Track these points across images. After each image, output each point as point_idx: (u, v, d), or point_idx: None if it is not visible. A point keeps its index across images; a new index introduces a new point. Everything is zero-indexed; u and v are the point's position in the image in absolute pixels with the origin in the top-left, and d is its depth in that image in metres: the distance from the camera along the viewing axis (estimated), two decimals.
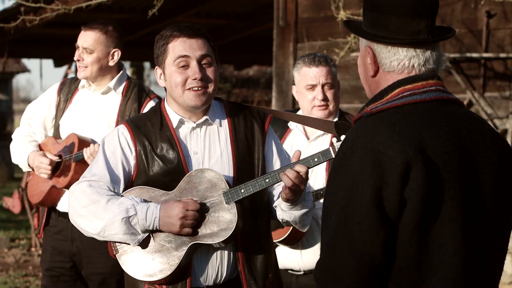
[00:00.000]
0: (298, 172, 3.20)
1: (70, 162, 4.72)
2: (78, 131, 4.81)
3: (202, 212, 3.28)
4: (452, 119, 2.39)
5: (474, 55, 6.91)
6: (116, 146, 3.38)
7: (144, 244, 3.31)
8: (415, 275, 2.31)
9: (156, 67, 3.44)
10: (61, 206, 4.87)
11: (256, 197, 3.38)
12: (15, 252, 10.41)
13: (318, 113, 4.29)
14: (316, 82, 4.31)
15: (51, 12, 8.36)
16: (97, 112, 4.86)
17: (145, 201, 3.30)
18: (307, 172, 3.22)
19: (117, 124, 4.77)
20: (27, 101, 45.93)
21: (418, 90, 2.40)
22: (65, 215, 4.85)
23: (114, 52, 4.89)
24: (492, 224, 2.39)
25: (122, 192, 3.36)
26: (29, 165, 4.87)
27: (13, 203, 10.55)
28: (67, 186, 4.69)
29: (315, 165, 3.28)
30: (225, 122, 3.44)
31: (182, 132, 3.40)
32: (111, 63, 4.87)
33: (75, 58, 4.87)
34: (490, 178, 2.39)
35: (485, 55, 6.93)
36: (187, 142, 3.39)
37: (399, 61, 2.43)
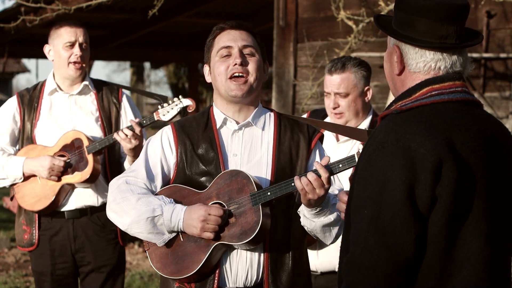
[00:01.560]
0: (319, 176, 3.17)
1: (83, 155, 4.74)
2: (62, 133, 4.84)
3: (227, 215, 3.28)
4: (477, 120, 2.44)
5: (474, 55, 6.91)
6: (157, 145, 3.43)
7: (171, 242, 3.34)
8: (441, 271, 2.35)
9: (205, 64, 3.47)
10: (61, 207, 4.88)
11: (292, 204, 3.36)
12: (15, 252, 10.40)
13: (335, 120, 4.32)
14: (329, 91, 4.34)
15: (51, 12, 8.36)
16: (76, 111, 4.91)
17: (175, 201, 3.33)
18: (328, 178, 3.19)
19: (101, 120, 4.90)
20: None
21: (446, 90, 2.44)
22: (62, 214, 4.86)
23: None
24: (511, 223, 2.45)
25: (159, 189, 3.41)
26: (23, 175, 4.84)
27: (13, 203, 10.52)
28: (90, 179, 4.77)
29: (340, 171, 3.24)
30: (270, 129, 3.43)
31: (224, 133, 3.42)
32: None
33: (77, 54, 4.84)
34: (510, 178, 2.45)
35: (485, 55, 6.93)
36: (228, 144, 3.40)
37: (425, 63, 2.47)
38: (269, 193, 3.24)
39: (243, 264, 3.31)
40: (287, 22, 7.97)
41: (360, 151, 3.23)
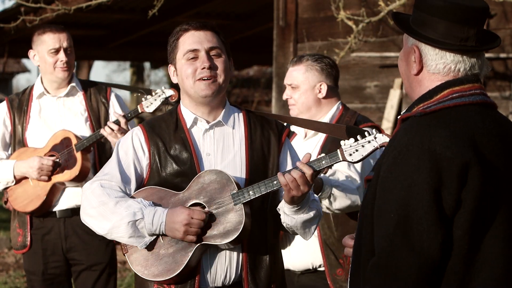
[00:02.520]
0: (303, 173, 3.20)
1: (72, 153, 4.75)
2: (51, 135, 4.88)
3: (209, 217, 3.28)
4: (496, 123, 2.45)
5: None
6: (129, 147, 3.41)
7: (152, 244, 3.34)
8: (463, 274, 2.35)
9: (169, 65, 3.47)
10: (55, 207, 4.89)
11: (267, 202, 3.38)
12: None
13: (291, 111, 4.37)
14: (285, 82, 4.39)
15: (51, 12, 8.36)
16: (65, 113, 4.95)
17: (154, 204, 3.32)
18: (312, 175, 3.22)
19: (90, 120, 4.93)
20: None
21: (466, 92, 2.45)
22: (53, 214, 4.88)
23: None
24: None
25: (134, 192, 3.39)
26: (14, 178, 4.86)
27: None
28: (79, 177, 4.78)
29: (322, 168, 3.27)
30: (241, 127, 3.44)
31: (195, 133, 3.42)
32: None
33: (63, 60, 4.86)
34: None
35: (485, 55, 6.92)
36: (200, 144, 3.40)
37: (445, 64, 2.47)
38: (251, 192, 3.26)
39: (222, 263, 3.33)
40: (287, 22, 7.97)
41: (343, 147, 3.26)
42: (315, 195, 3.46)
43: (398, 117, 2.53)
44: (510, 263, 2.38)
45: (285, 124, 3.65)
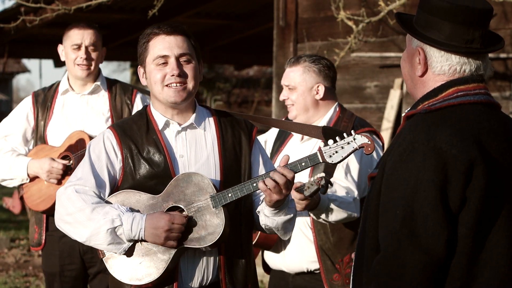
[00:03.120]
0: (284, 176, 3.19)
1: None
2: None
3: (189, 220, 3.27)
4: (501, 122, 2.46)
5: None
6: (101, 150, 3.38)
7: (130, 250, 3.31)
8: (467, 272, 2.36)
9: (139, 66, 3.44)
10: None
11: (240, 205, 3.38)
12: (15, 252, 10.41)
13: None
14: (282, 83, 4.40)
15: (51, 12, 8.36)
16: (87, 112, 4.91)
17: (131, 209, 3.30)
18: (293, 178, 3.22)
19: (112, 120, 4.87)
20: None
21: (471, 91, 2.46)
22: None
23: (103, 51, 5.01)
24: None
25: (108, 195, 3.36)
26: (28, 176, 4.85)
27: (13, 203, 10.54)
28: None
29: (302, 170, 3.27)
30: (212, 128, 3.43)
31: (168, 135, 3.40)
32: (102, 60, 4.97)
33: (82, 57, 4.84)
34: None
35: None
36: (173, 145, 3.39)
37: (450, 66, 2.48)
38: (229, 195, 3.25)
39: (200, 265, 3.33)
40: (287, 22, 7.97)
41: (322, 148, 3.24)
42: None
43: (403, 114, 2.54)
44: None
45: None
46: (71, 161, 4.77)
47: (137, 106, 4.94)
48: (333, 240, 4.17)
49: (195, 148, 3.39)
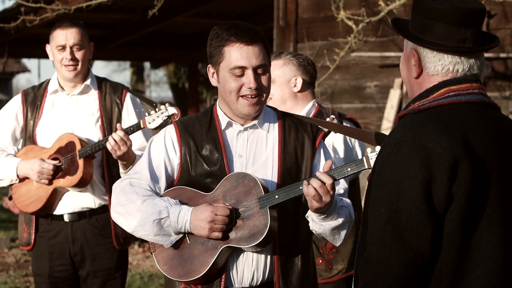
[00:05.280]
0: (323, 183, 3.14)
1: (75, 160, 4.71)
2: (61, 133, 4.80)
3: (234, 216, 3.27)
4: (494, 121, 2.47)
5: None
6: (161, 146, 3.40)
7: (178, 244, 3.33)
8: (456, 270, 2.38)
9: (209, 65, 3.40)
10: (58, 210, 4.85)
11: (299, 206, 3.35)
12: (15, 252, 10.41)
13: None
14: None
15: (51, 12, 8.37)
16: (77, 112, 4.86)
17: (181, 203, 3.31)
18: (332, 184, 3.14)
19: (102, 120, 4.84)
20: None
21: (463, 91, 2.47)
22: (61, 217, 4.85)
23: (91, 46, 4.93)
24: None
25: (164, 190, 3.38)
26: (18, 176, 4.82)
27: (12, 203, 10.53)
28: (80, 184, 4.72)
29: (348, 175, 3.20)
30: (275, 130, 3.40)
31: (229, 134, 3.39)
32: (90, 56, 4.91)
33: (67, 57, 4.78)
34: None
35: (485, 55, 6.92)
36: (233, 145, 3.37)
37: (443, 66, 2.50)
38: (276, 196, 3.23)
39: (249, 265, 3.31)
40: (287, 22, 7.97)
41: (369, 155, 3.21)
42: (344, 200, 3.41)
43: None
44: (506, 259, 2.40)
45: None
46: (61, 162, 4.74)
47: (127, 106, 4.89)
48: None
49: (255, 149, 3.37)
